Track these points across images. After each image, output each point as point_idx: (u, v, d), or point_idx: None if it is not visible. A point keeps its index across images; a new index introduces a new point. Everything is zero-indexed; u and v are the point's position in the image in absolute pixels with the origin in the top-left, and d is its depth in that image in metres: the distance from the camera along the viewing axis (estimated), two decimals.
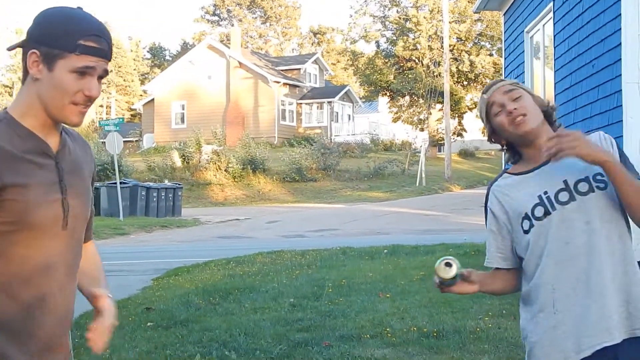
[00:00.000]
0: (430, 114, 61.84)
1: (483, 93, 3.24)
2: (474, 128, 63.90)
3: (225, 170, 43.74)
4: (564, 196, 3.01)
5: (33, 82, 2.49)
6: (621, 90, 9.08)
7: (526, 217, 3.05)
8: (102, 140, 43.57)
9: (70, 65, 2.45)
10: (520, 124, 3.09)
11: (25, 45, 2.50)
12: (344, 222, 27.90)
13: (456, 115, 61.28)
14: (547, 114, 3.16)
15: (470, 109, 62.80)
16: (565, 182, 3.03)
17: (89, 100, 2.50)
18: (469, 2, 57.24)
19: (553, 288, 3.02)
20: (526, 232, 3.05)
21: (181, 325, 8.76)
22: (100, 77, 2.51)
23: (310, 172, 45.29)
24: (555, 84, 11.56)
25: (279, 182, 44.36)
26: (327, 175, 45.80)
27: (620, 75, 9.10)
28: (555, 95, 11.53)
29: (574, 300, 2.98)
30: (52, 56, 2.45)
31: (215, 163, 44.02)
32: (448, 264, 3.05)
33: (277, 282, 12.04)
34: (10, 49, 2.58)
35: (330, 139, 55.06)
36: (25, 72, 2.51)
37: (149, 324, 8.83)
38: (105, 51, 2.50)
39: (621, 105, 9.08)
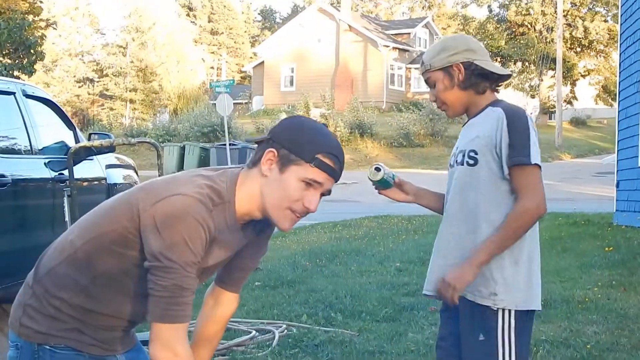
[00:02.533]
0: (542, 80, 60.56)
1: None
2: (586, 96, 62.34)
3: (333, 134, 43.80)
4: (453, 159, 3.32)
5: (260, 177, 2.60)
6: None
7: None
8: (212, 102, 44.21)
9: (301, 174, 2.55)
10: (445, 112, 3.37)
11: (267, 141, 2.61)
12: None
13: (568, 82, 59.80)
14: (468, 82, 3.27)
15: (584, 76, 61.32)
16: (457, 147, 3.33)
17: (306, 211, 2.59)
18: None
19: (440, 231, 3.40)
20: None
21: (288, 285, 8.85)
22: (322, 195, 2.61)
23: (418, 138, 44.95)
24: None
25: (387, 147, 44.23)
26: (434, 141, 45.40)
27: None
28: None
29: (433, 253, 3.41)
30: (288, 160, 2.55)
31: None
32: (377, 169, 3.39)
33: (383, 246, 12.07)
34: (254, 142, 2.66)
35: None
36: (257, 161, 2.62)
37: (256, 283, 8.95)
38: (337, 173, 2.61)
39: None
